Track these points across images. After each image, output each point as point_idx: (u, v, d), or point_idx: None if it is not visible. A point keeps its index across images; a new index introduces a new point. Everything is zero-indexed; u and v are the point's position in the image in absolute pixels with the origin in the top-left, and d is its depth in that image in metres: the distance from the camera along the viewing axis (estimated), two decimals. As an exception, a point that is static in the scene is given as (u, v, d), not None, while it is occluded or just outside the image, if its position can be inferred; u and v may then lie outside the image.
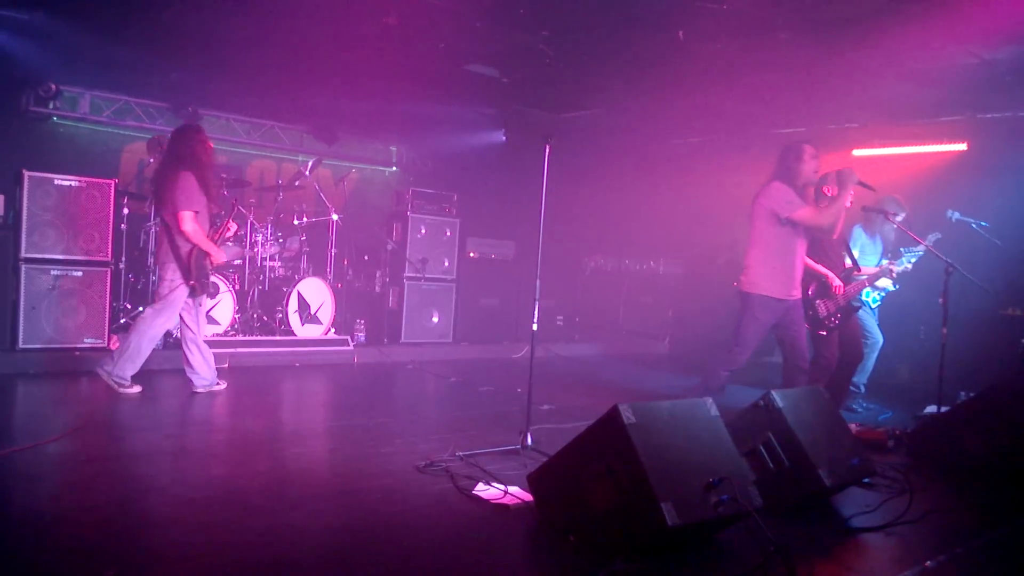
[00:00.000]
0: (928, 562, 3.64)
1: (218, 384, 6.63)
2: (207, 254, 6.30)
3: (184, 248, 6.24)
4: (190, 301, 6.40)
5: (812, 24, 6.78)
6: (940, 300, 6.30)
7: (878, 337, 7.47)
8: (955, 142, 8.63)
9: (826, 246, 6.67)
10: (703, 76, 8.25)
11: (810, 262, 6.68)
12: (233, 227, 6.72)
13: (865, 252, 7.37)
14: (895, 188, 7.53)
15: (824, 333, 6.67)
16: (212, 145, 6.48)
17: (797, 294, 6.08)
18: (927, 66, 7.45)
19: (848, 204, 6.00)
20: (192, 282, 6.25)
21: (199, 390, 6.53)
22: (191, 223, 6.14)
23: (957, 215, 6.92)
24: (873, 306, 7.46)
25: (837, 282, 6.52)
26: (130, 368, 6.31)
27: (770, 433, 4.29)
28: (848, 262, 6.61)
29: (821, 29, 6.85)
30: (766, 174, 6.07)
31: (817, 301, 6.66)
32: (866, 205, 7.09)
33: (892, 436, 5.86)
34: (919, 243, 6.90)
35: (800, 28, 6.87)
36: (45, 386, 6.65)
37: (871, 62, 7.43)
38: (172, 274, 6.27)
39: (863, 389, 7.50)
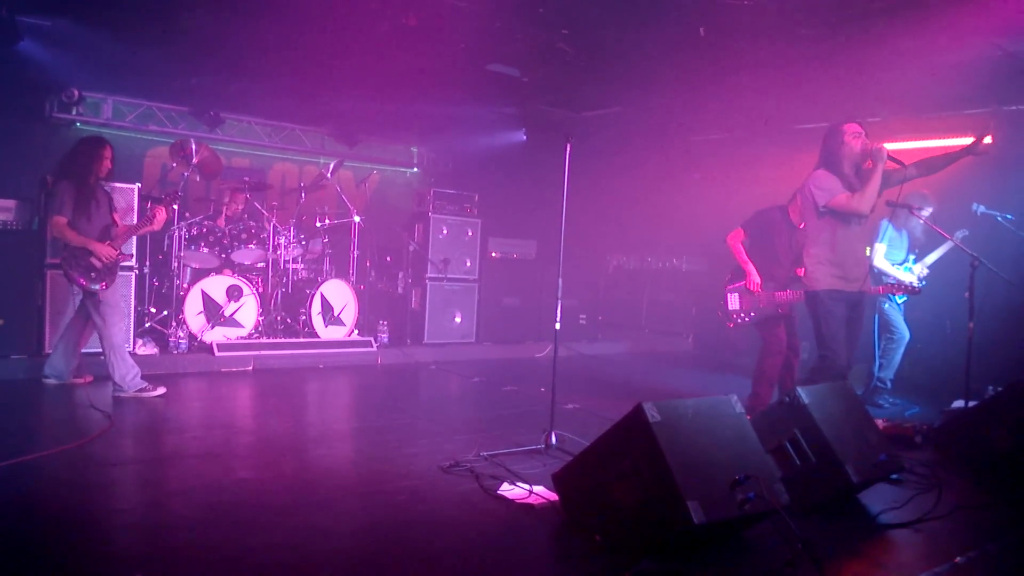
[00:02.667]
0: (958, 558, 3.60)
1: (57, 379, 6.72)
2: (90, 252, 6.32)
3: (61, 255, 6.37)
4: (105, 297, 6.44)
5: (833, 19, 6.74)
6: (966, 294, 6.22)
7: (904, 333, 7.40)
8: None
9: (777, 245, 6.58)
10: (724, 72, 8.22)
11: (740, 250, 6.61)
12: (161, 217, 6.65)
13: (893, 247, 7.30)
14: (920, 183, 7.45)
15: (731, 326, 6.69)
16: (108, 156, 6.55)
17: (858, 286, 5.49)
18: (950, 59, 7.37)
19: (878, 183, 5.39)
20: (83, 282, 6.33)
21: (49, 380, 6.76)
22: (56, 227, 6.29)
23: (982, 208, 6.84)
24: (900, 301, 7.39)
25: (756, 279, 6.45)
26: (130, 374, 6.44)
27: (796, 429, 4.26)
28: (799, 270, 6.32)
29: (843, 24, 6.81)
30: (788, 169, 5.91)
31: (729, 293, 6.62)
32: (890, 200, 7.02)
33: (919, 431, 5.80)
34: (946, 238, 6.84)
35: (821, 23, 6.83)
36: (71, 391, 6.71)
37: (893, 56, 7.36)
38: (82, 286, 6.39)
39: (889, 385, 7.45)
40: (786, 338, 6.51)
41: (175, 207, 7.30)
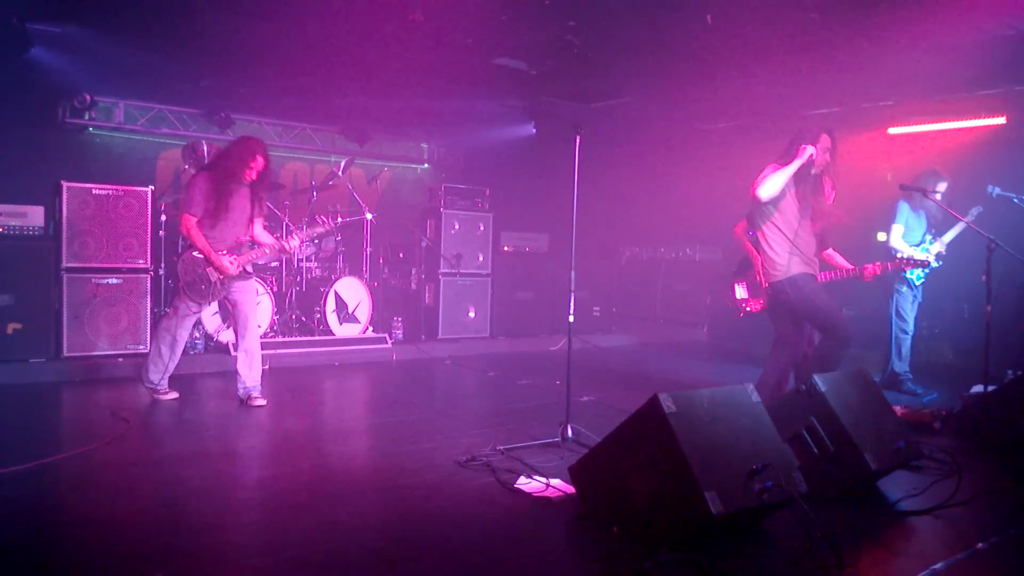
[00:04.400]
0: (980, 544, 3.58)
1: (167, 393, 6.42)
2: (210, 263, 6.10)
3: (182, 251, 6.22)
4: (190, 306, 6.24)
5: (844, 2, 6.69)
6: (983, 277, 6.18)
7: (911, 326, 7.36)
8: (993, 116, 8.47)
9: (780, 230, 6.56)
10: (733, 59, 8.17)
11: (746, 239, 6.57)
12: (293, 245, 6.50)
13: (910, 228, 7.24)
14: (933, 164, 7.41)
15: (741, 316, 6.61)
16: (258, 162, 6.14)
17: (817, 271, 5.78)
18: (962, 40, 7.30)
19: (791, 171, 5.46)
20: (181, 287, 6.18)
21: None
22: (185, 225, 6.06)
23: (998, 190, 6.79)
24: (917, 283, 7.32)
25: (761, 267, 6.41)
26: (155, 373, 6.34)
27: (813, 418, 4.24)
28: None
29: (852, 6, 6.75)
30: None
31: (737, 283, 6.58)
32: (903, 183, 6.99)
33: (938, 417, 5.77)
34: (959, 219, 6.79)
35: (831, 6, 6.78)
36: (90, 393, 6.76)
37: (904, 38, 7.30)
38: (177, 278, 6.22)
39: (911, 374, 7.39)
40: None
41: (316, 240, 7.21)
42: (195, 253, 6.12)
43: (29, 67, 8.30)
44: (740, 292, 6.62)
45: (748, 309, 6.59)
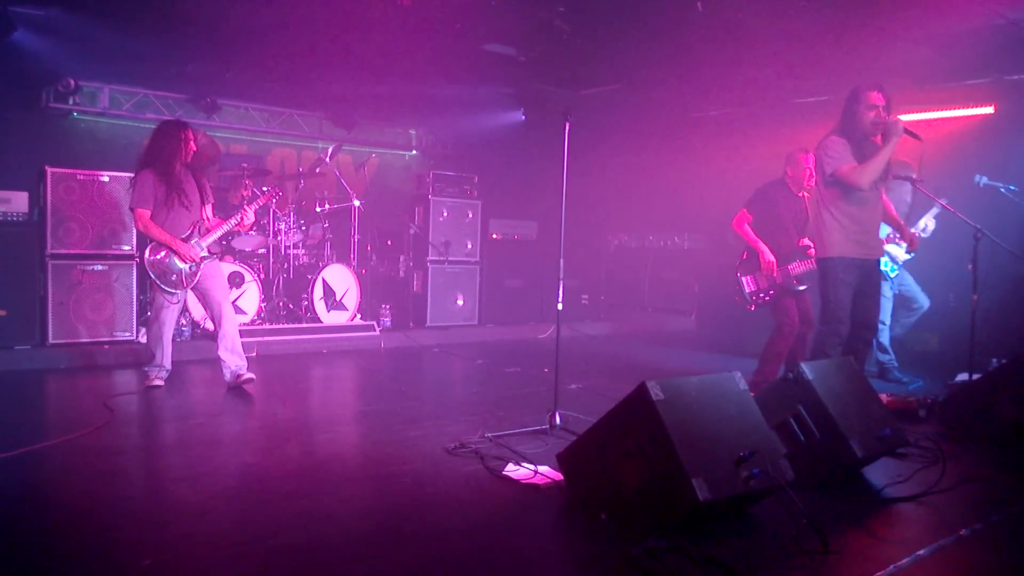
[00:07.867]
0: (963, 531, 3.60)
1: (157, 381, 6.45)
2: (174, 251, 6.15)
3: (146, 247, 6.21)
4: (168, 298, 6.29)
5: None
6: (969, 266, 6.21)
7: (888, 319, 7.40)
8: (982, 105, 8.48)
9: (784, 218, 6.56)
10: (722, 47, 8.16)
11: (749, 232, 6.58)
12: (250, 217, 6.52)
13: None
14: (923, 153, 7.43)
15: (752, 308, 6.63)
16: (188, 139, 6.26)
17: (878, 253, 5.65)
18: (951, 29, 7.32)
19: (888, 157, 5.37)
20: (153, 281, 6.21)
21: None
22: (140, 221, 6.11)
23: (985, 180, 6.81)
24: (892, 275, 7.34)
25: (769, 257, 6.42)
26: (149, 359, 6.46)
27: (800, 405, 4.25)
28: (806, 240, 6.43)
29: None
30: (788, 144, 5.84)
31: (744, 276, 6.60)
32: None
33: (923, 405, 5.80)
34: (936, 201, 6.81)
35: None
36: (76, 381, 6.72)
37: (894, 26, 7.30)
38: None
39: (896, 362, 7.42)
40: (799, 313, 6.49)
41: (272, 202, 7.28)
42: (157, 245, 6.15)
43: (12, 51, 8.21)
44: (749, 285, 6.62)
45: (759, 300, 6.60)
